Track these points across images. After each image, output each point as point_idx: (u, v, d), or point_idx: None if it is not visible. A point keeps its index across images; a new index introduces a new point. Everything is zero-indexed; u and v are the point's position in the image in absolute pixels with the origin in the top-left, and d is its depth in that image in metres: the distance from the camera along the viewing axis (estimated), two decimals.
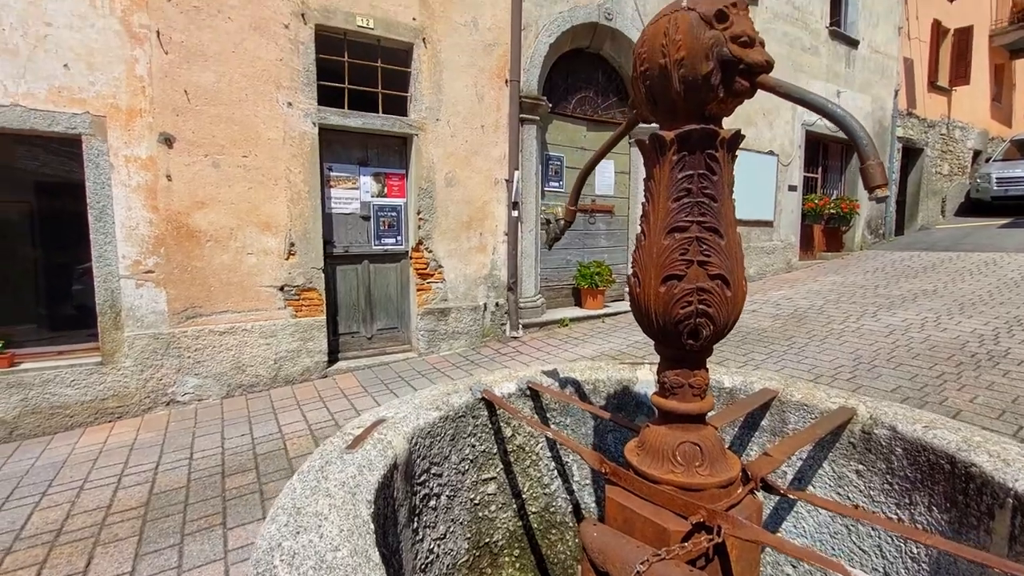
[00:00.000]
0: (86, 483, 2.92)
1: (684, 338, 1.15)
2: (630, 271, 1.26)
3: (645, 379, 1.96)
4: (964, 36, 12.52)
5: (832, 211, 9.46)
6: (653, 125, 1.23)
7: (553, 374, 1.95)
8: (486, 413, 1.75)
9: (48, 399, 3.62)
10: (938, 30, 11.90)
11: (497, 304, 5.46)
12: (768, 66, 1.07)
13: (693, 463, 1.19)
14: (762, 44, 1.09)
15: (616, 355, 4.72)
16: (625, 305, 6.59)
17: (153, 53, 3.76)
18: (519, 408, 1.84)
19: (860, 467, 1.55)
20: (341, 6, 4.40)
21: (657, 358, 1.31)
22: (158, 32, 3.76)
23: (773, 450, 1.38)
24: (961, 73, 12.57)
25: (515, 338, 5.45)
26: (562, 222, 1.56)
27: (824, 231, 9.78)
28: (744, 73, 1.07)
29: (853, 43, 9.38)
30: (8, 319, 3.72)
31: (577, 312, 6.09)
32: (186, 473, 2.97)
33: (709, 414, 1.26)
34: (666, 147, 1.13)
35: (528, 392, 1.87)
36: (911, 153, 11.95)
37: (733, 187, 1.17)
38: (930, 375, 3.85)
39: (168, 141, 3.83)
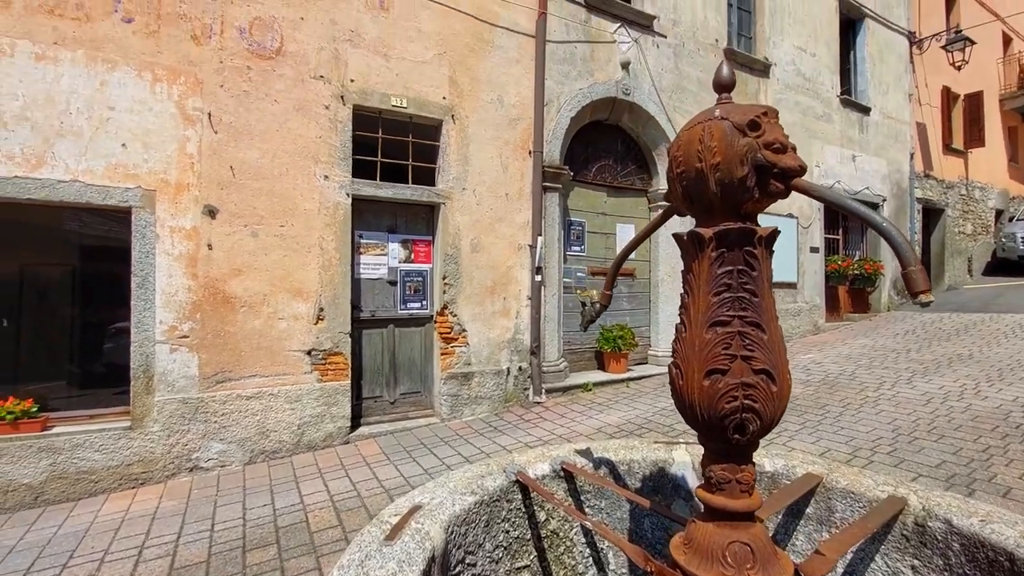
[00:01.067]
0: (107, 555, 2.88)
1: (730, 433, 1.14)
2: (671, 361, 1.27)
3: (681, 460, 1.91)
4: (975, 101, 12.78)
5: (856, 272, 9.37)
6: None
7: (586, 453, 1.92)
8: (520, 496, 1.72)
9: (76, 464, 3.64)
10: (948, 96, 12.18)
11: (520, 368, 5.43)
12: (801, 171, 1.12)
13: (744, 565, 1.15)
14: (794, 150, 1.15)
15: (643, 423, 4.60)
16: (649, 368, 6.49)
17: (203, 133, 4.06)
18: (553, 490, 1.80)
19: (915, 563, 1.47)
20: (378, 88, 4.73)
21: (692, 435, 1.29)
22: (209, 114, 4.07)
23: (825, 547, 1.32)
24: (976, 136, 12.73)
25: (538, 403, 5.37)
26: (597, 305, 1.59)
27: (849, 292, 9.65)
28: (778, 177, 1.12)
29: (865, 110, 9.64)
30: (40, 374, 3.83)
31: (600, 376, 6.01)
32: (207, 546, 2.92)
33: None
34: (705, 244, 1.17)
35: (562, 473, 1.84)
36: (932, 214, 11.93)
37: (772, 281, 1.20)
38: (975, 448, 3.67)
39: (212, 213, 4.05)
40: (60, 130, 3.66)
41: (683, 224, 6.56)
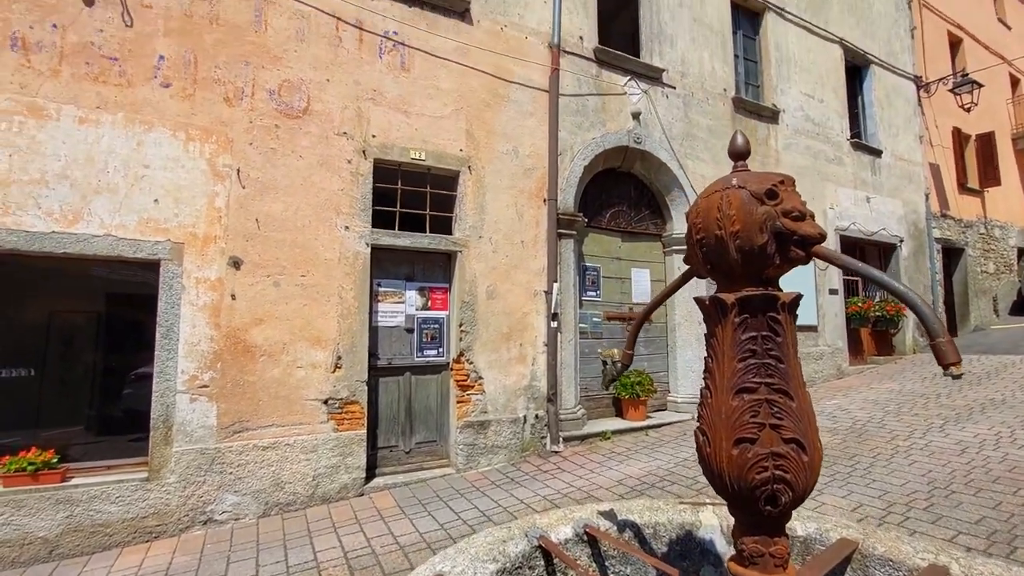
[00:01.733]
0: None
1: (761, 504, 1.11)
2: (696, 426, 1.25)
3: (709, 523, 1.85)
4: (987, 141, 12.80)
5: (878, 314, 9.20)
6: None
7: (610, 515, 1.87)
8: (542, 563, 1.67)
9: (92, 516, 3.63)
10: (959, 137, 12.23)
11: (537, 416, 5.35)
12: (821, 238, 1.14)
13: None
14: (812, 217, 1.17)
15: (666, 475, 4.46)
16: (668, 415, 6.35)
17: (232, 188, 4.23)
18: (576, 556, 1.74)
19: None
20: (398, 142, 4.92)
21: (718, 496, 1.25)
22: (238, 170, 4.25)
23: None
24: (991, 175, 12.69)
25: (556, 452, 5.26)
26: (619, 364, 1.59)
27: (872, 334, 9.44)
28: (798, 244, 1.14)
29: (876, 152, 9.71)
30: (59, 419, 3.88)
31: (619, 424, 5.88)
32: None
33: None
34: (728, 310, 1.17)
35: (585, 537, 1.79)
36: (952, 253, 11.78)
37: (797, 347, 1.19)
38: (1014, 502, 3.49)
39: (236, 264, 4.17)
40: (97, 187, 3.84)
41: (698, 284, 6.58)
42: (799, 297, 1.18)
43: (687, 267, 1.41)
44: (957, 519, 3.33)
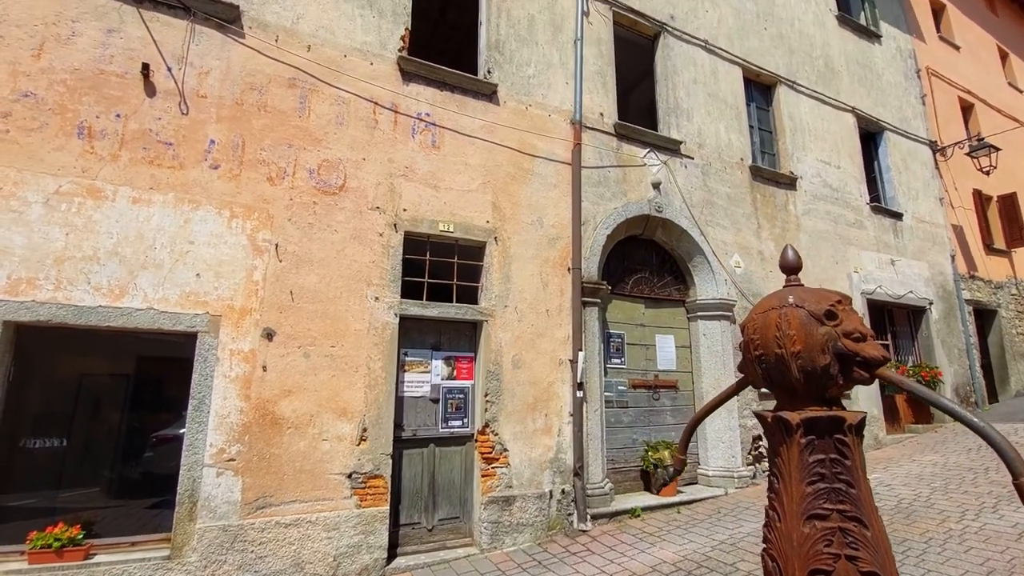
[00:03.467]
0: None
1: None
2: (763, 551, 1.21)
3: None
4: (1009, 202, 12.76)
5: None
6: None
7: None
8: None
9: None
10: (980, 198, 12.23)
11: (563, 491, 5.17)
12: (884, 360, 1.13)
13: None
14: (873, 337, 1.17)
15: (703, 561, 4.22)
16: (700, 490, 6.08)
17: (270, 261, 4.38)
18: None
19: None
20: (427, 216, 5.09)
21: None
22: (276, 245, 4.42)
23: None
24: (1016, 235, 12.55)
25: (583, 531, 5.03)
26: (671, 469, 1.56)
27: (909, 401, 9.08)
28: (861, 366, 1.14)
29: (897, 215, 9.73)
30: (80, 481, 3.88)
31: (648, 499, 5.63)
32: None
33: None
34: (792, 430, 1.16)
35: None
36: (984, 315, 11.48)
37: (866, 470, 1.16)
38: None
39: (269, 335, 4.25)
40: (144, 263, 4.02)
41: (726, 352, 6.46)
42: (865, 418, 1.16)
43: (736, 367, 1.40)
44: None
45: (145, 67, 4.22)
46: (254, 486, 4.02)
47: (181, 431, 4.10)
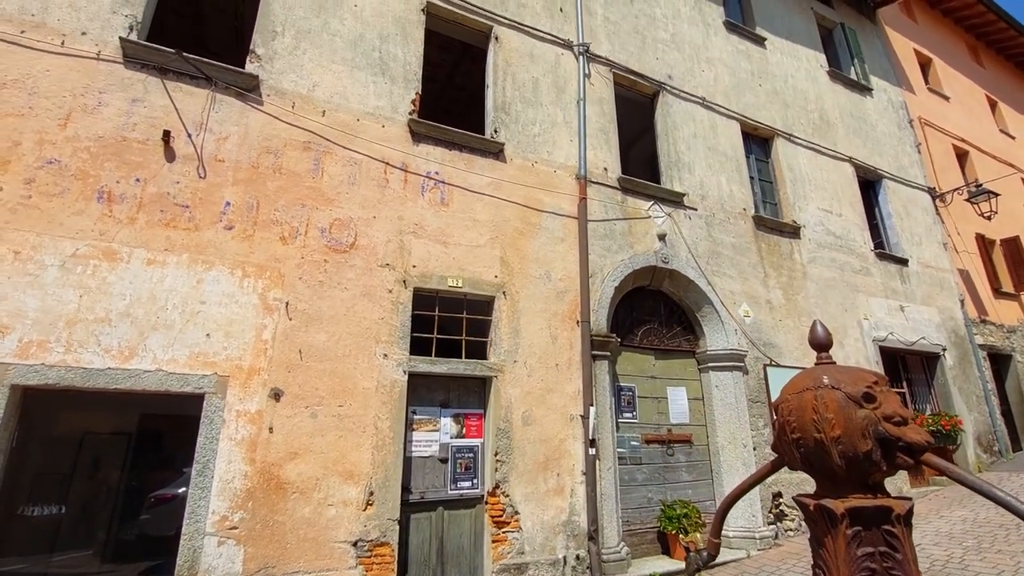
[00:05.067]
0: None
1: None
2: None
3: None
4: (1013, 245, 12.80)
5: (932, 429, 8.61)
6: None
7: None
8: None
9: None
10: (983, 242, 12.28)
11: (578, 557, 4.93)
12: (928, 446, 1.09)
13: None
14: (914, 420, 1.13)
15: None
16: (721, 554, 5.77)
17: (279, 320, 4.38)
18: None
19: None
20: (436, 272, 5.13)
21: None
22: (287, 303, 4.43)
23: None
24: (1023, 278, 12.51)
25: None
26: (705, 554, 1.47)
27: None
28: (905, 451, 1.09)
29: (902, 261, 9.73)
30: (72, 544, 3.73)
31: (667, 564, 5.36)
32: None
33: None
34: (837, 520, 1.10)
35: None
36: (999, 360, 11.27)
37: (918, 563, 1.10)
38: None
39: (277, 396, 4.19)
40: (155, 324, 4.02)
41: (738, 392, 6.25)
42: (913, 506, 1.11)
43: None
44: None
45: (166, 134, 4.38)
46: (256, 556, 3.85)
47: (180, 490, 3.99)
